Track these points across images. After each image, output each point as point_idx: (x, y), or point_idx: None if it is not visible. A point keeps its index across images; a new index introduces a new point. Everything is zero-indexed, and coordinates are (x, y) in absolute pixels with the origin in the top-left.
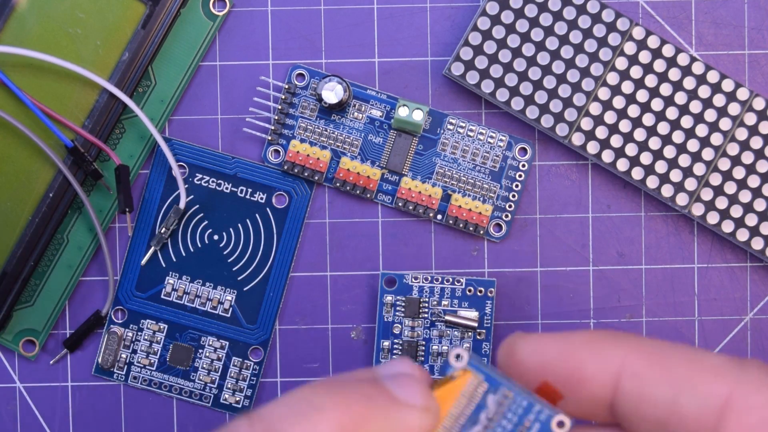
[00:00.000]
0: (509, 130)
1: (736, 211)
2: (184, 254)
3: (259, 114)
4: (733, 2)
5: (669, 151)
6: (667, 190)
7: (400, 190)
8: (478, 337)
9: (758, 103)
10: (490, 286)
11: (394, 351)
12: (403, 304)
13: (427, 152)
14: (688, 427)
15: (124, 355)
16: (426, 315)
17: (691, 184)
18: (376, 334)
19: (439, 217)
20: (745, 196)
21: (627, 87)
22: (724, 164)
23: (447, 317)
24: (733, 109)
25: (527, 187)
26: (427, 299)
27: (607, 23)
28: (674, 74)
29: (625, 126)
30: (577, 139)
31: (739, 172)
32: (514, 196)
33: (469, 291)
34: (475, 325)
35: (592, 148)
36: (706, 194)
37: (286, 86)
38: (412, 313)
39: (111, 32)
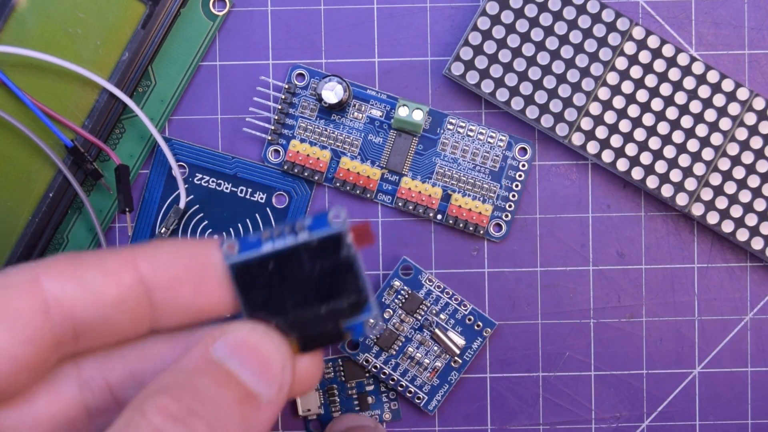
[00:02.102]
0: (509, 130)
1: (736, 211)
2: None
3: (259, 114)
4: (733, 2)
5: (669, 151)
6: (667, 190)
7: (400, 190)
8: (452, 364)
9: (758, 103)
10: (489, 326)
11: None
12: (405, 296)
13: (427, 152)
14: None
15: None
16: (420, 317)
17: (691, 184)
18: None
19: (439, 217)
20: (745, 196)
21: (627, 87)
22: (724, 164)
23: (436, 330)
24: (733, 109)
25: (527, 187)
26: (428, 304)
27: (607, 23)
28: (674, 74)
29: (625, 126)
30: (577, 139)
31: (739, 172)
32: (514, 196)
33: (469, 320)
34: (457, 352)
35: (592, 148)
36: (706, 194)
37: (286, 86)
38: (410, 308)
39: (111, 32)
